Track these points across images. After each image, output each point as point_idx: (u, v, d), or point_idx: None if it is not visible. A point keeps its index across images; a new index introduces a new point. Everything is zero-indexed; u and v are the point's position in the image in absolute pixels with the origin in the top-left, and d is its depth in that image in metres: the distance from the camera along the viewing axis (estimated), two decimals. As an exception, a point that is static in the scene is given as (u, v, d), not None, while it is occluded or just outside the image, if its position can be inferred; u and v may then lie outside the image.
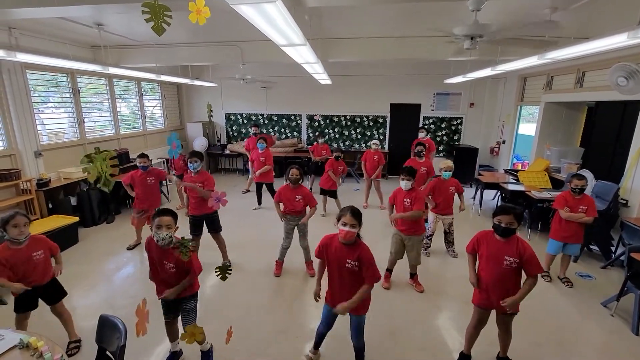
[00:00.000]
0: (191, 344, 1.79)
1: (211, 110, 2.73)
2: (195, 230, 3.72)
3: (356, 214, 2.07)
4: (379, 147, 6.15)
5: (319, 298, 2.36)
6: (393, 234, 3.49)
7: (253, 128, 6.96)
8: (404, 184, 3.28)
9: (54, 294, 2.54)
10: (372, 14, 4.06)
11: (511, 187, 5.33)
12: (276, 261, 3.77)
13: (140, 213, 4.22)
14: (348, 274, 2.14)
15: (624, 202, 4.09)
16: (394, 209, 3.48)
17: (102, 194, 5.35)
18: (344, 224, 2.05)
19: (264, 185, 5.99)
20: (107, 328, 1.90)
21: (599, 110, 5.32)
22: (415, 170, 3.36)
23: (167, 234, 2.09)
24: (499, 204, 5.77)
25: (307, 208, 3.60)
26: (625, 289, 3.03)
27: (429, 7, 3.68)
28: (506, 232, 2.17)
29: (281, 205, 3.61)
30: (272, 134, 9.04)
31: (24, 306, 2.45)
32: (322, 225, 4.66)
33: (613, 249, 4.06)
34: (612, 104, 4.78)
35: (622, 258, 3.77)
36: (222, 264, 3.71)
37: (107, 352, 1.92)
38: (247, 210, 5.95)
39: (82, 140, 5.72)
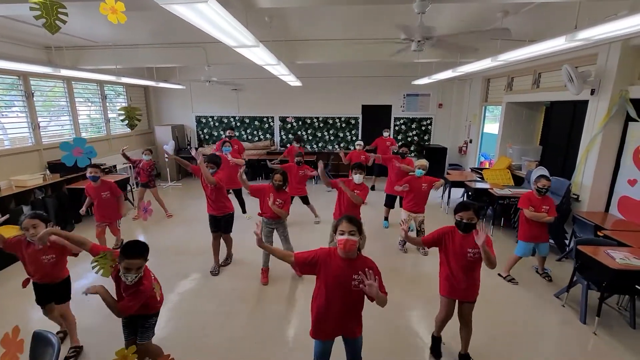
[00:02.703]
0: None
1: (131, 117, 2.21)
2: (214, 228, 3.83)
3: (353, 220, 1.82)
4: (362, 147, 6.29)
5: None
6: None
7: (228, 131, 6.77)
8: (357, 177, 3.59)
9: (62, 295, 2.60)
10: (335, 16, 4.08)
11: (475, 184, 5.50)
12: (262, 269, 3.66)
13: (101, 225, 4.07)
14: (353, 294, 1.83)
15: (576, 197, 4.30)
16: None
17: (59, 202, 5.10)
18: (342, 233, 1.79)
19: (232, 192, 5.52)
20: (41, 344, 1.79)
21: (553, 110, 5.59)
22: (365, 166, 3.77)
23: (135, 276, 1.98)
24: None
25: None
26: (574, 279, 3.17)
27: (390, 9, 3.73)
28: (468, 228, 2.27)
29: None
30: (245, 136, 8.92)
31: (39, 299, 2.58)
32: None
33: (567, 242, 4.25)
34: (564, 104, 5.03)
35: (574, 250, 3.95)
36: (224, 259, 4.02)
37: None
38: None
39: (37, 146, 5.43)
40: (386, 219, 5.28)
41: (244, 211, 5.69)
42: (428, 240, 2.46)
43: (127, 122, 1.67)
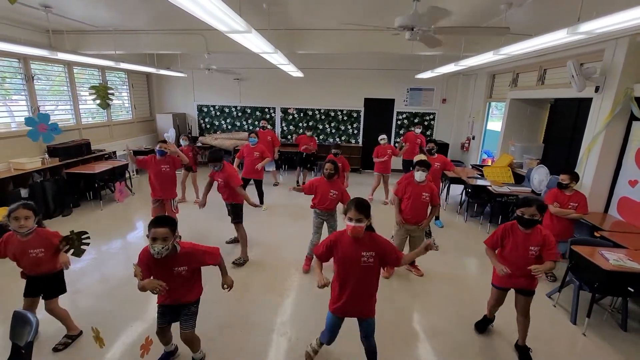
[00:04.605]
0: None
1: (102, 96, 2.10)
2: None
3: (362, 208, 1.94)
4: (387, 141, 6.11)
5: (328, 282, 2.05)
6: (398, 228, 3.54)
7: (262, 122, 6.85)
8: (419, 174, 3.34)
9: (52, 289, 2.48)
10: (335, 5, 3.99)
11: (474, 182, 5.43)
12: (306, 257, 3.72)
13: (157, 202, 4.05)
14: (363, 271, 1.99)
15: (575, 196, 4.21)
16: (401, 202, 3.54)
17: (57, 185, 5.14)
18: (350, 219, 1.94)
19: (253, 182, 5.41)
20: (20, 323, 1.81)
21: (557, 107, 5.47)
22: (430, 163, 3.46)
23: (162, 247, 1.91)
24: (464, 198, 5.87)
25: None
26: (567, 279, 3.12)
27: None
28: (530, 224, 2.28)
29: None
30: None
31: (28, 292, 2.45)
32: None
33: (564, 242, 4.18)
34: (568, 101, 4.91)
35: (570, 250, 3.89)
36: (237, 258, 3.78)
37: (23, 351, 1.83)
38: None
39: (37, 130, 5.45)
40: (437, 218, 5.25)
41: (261, 202, 5.56)
42: (492, 244, 2.48)
43: (98, 101, 1.64)
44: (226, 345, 2.61)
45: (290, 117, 8.76)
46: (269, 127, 6.98)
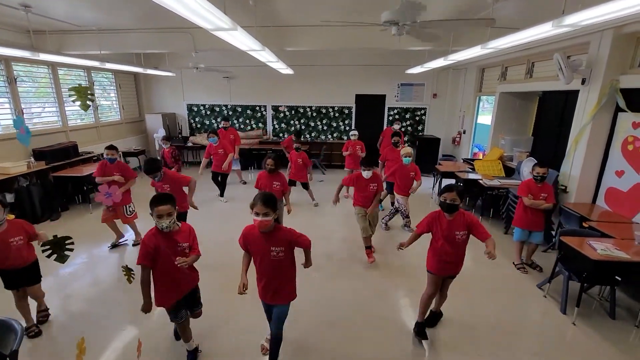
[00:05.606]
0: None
1: (83, 97, 2.04)
2: None
3: (267, 202, 1.97)
4: (357, 137, 6.18)
5: (244, 291, 2.12)
6: (356, 213, 3.79)
7: (223, 122, 6.91)
8: (366, 174, 3.66)
9: (35, 276, 2.66)
10: (323, 1, 3.95)
11: (465, 175, 5.47)
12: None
13: (109, 208, 4.00)
14: (273, 263, 2.08)
15: (563, 188, 4.27)
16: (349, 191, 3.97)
17: (44, 189, 5.04)
18: (257, 214, 1.97)
19: (219, 176, 6.00)
20: (3, 331, 1.77)
21: (545, 100, 5.52)
22: (373, 160, 3.79)
23: (169, 221, 2.05)
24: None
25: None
26: (557, 270, 3.16)
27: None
28: (451, 208, 2.39)
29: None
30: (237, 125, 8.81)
31: (10, 284, 2.55)
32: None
33: (553, 233, 4.24)
34: (556, 94, 4.96)
35: (560, 241, 3.94)
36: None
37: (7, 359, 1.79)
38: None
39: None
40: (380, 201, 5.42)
41: (222, 195, 6.05)
42: (421, 230, 2.57)
43: (78, 102, 1.68)
44: (221, 345, 2.59)
45: (282, 114, 8.71)
46: (229, 126, 7.03)
